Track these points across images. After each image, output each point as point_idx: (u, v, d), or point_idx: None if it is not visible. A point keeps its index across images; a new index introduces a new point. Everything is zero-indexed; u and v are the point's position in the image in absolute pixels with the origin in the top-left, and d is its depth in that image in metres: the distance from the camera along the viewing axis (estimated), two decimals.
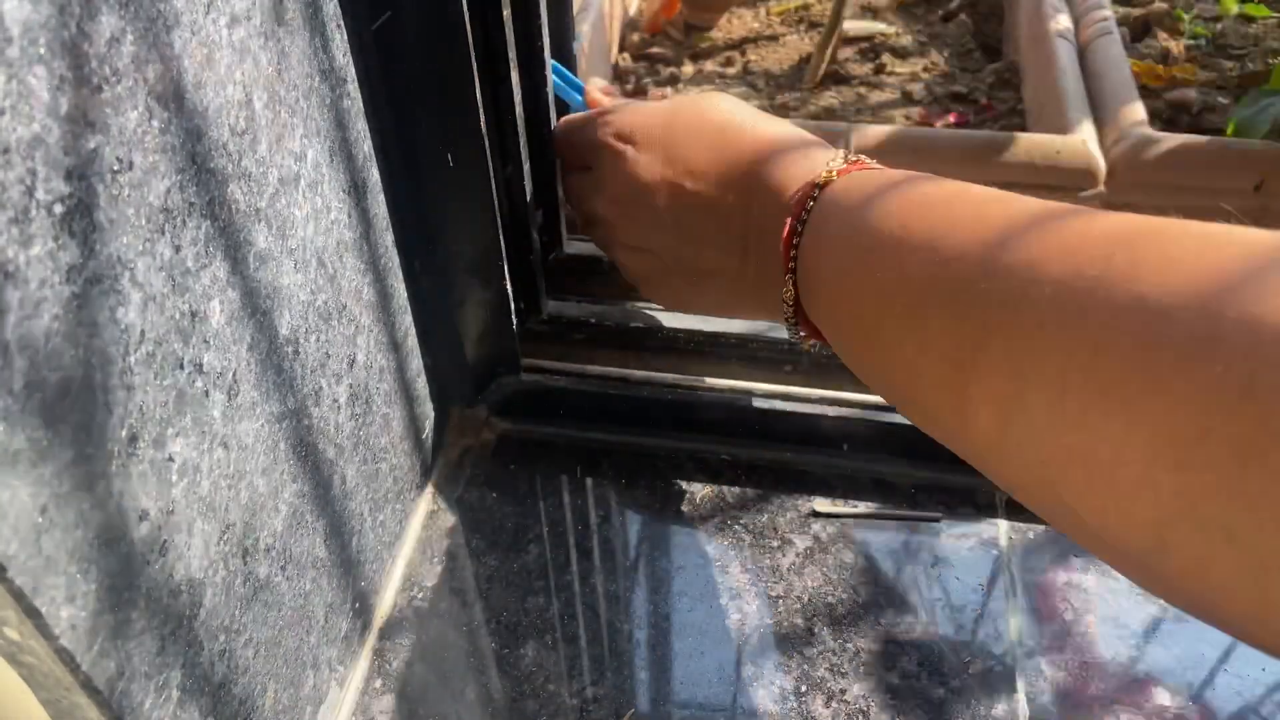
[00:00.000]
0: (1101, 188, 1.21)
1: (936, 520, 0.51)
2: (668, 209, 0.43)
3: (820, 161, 0.39)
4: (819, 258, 0.37)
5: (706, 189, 0.42)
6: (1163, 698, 0.44)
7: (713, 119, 0.43)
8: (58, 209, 0.22)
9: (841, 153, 0.39)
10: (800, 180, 0.38)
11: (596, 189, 0.47)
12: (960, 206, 0.32)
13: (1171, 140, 1.20)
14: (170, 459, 0.28)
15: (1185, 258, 0.25)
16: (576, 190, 0.49)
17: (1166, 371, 0.23)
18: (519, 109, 0.44)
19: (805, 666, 0.45)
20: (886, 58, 1.63)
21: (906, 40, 1.69)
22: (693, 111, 0.44)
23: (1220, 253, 0.24)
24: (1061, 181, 1.21)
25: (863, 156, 0.39)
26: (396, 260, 0.45)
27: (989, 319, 0.28)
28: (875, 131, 1.25)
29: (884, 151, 1.23)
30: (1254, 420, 0.22)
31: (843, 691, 0.44)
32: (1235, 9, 1.56)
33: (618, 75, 1.66)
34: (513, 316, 0.51)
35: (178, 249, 0.27)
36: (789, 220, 0.38)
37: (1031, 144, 1.21)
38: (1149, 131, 1.23)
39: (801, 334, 0.40)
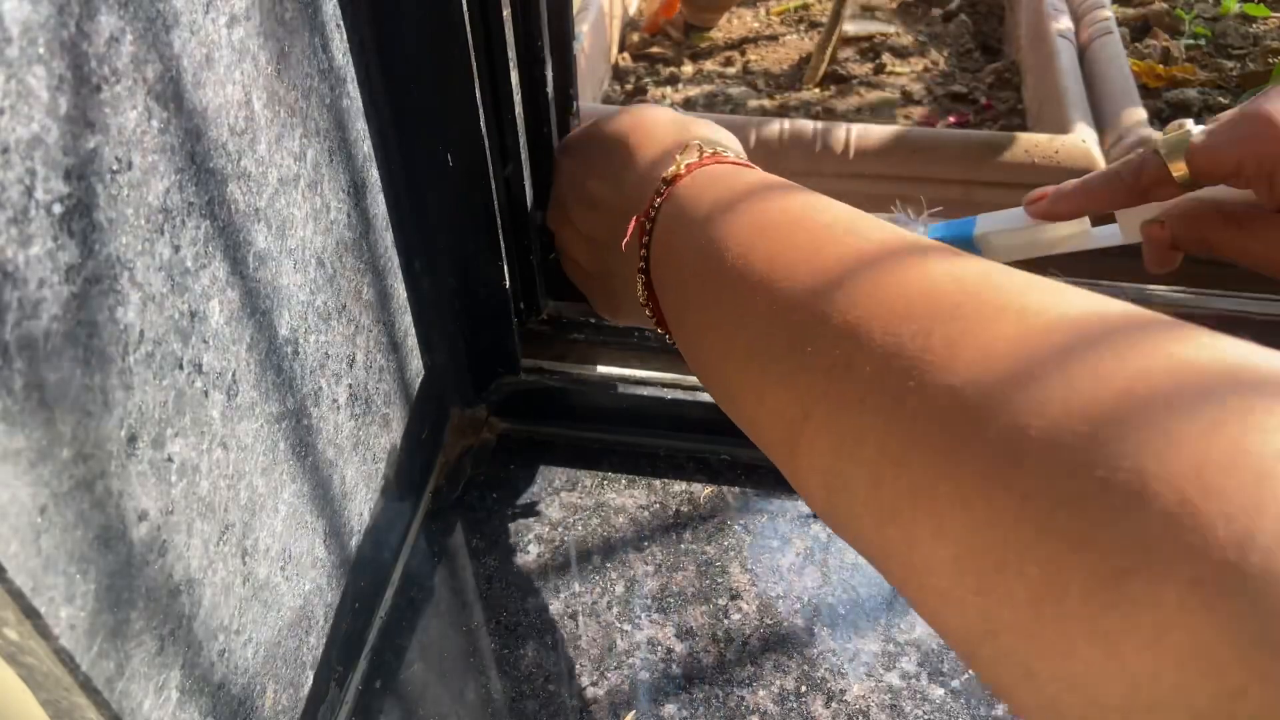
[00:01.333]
0: None
1: None
2: (578, 213, 0.44)
3: (674, 155, 0.38)
4: (665, 267, 0.36)
5: (598, 189, 0.42)
6: None
7: (622, 120, 0.43)
8: (57, 209, 0.22)
9: (698, 144, 0.38)
10: (654, 175, 0.38)
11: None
12: (801, 237, 0.31)
13: None
14: (169, 459, 0.28)
15: (999, 346, 0.23)
16: None
17: (969, 487, 0.22)
18: (519, 109, 0.44)
19: (805, 666, 0.45)
20: (886, 58, 1.63)
21: (906, 40, 1.69)
22: (613, 117, 0.44)
23: (1034, 341, 0.22)
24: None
25: (719, 148, 0.38)
26: (396, 260, 0.45)
27: (815, 385, 0.27)
28: (875, 131, 1.25)
29: (884, 152, 1.23)
30: (1049, 562, 0.20)
31: (843, 692, 0.44)
32: (1235, 9, 1.56)
33: (617, 75, 1.66)
34: (513, 316, 0.51)
35: (177, 249, 0.27)
36: (636, 218, 0.37)
37: (1031, 144, 1.21)
38: (1149, 131, 1.23)
39: (661, 332, 0.39)
